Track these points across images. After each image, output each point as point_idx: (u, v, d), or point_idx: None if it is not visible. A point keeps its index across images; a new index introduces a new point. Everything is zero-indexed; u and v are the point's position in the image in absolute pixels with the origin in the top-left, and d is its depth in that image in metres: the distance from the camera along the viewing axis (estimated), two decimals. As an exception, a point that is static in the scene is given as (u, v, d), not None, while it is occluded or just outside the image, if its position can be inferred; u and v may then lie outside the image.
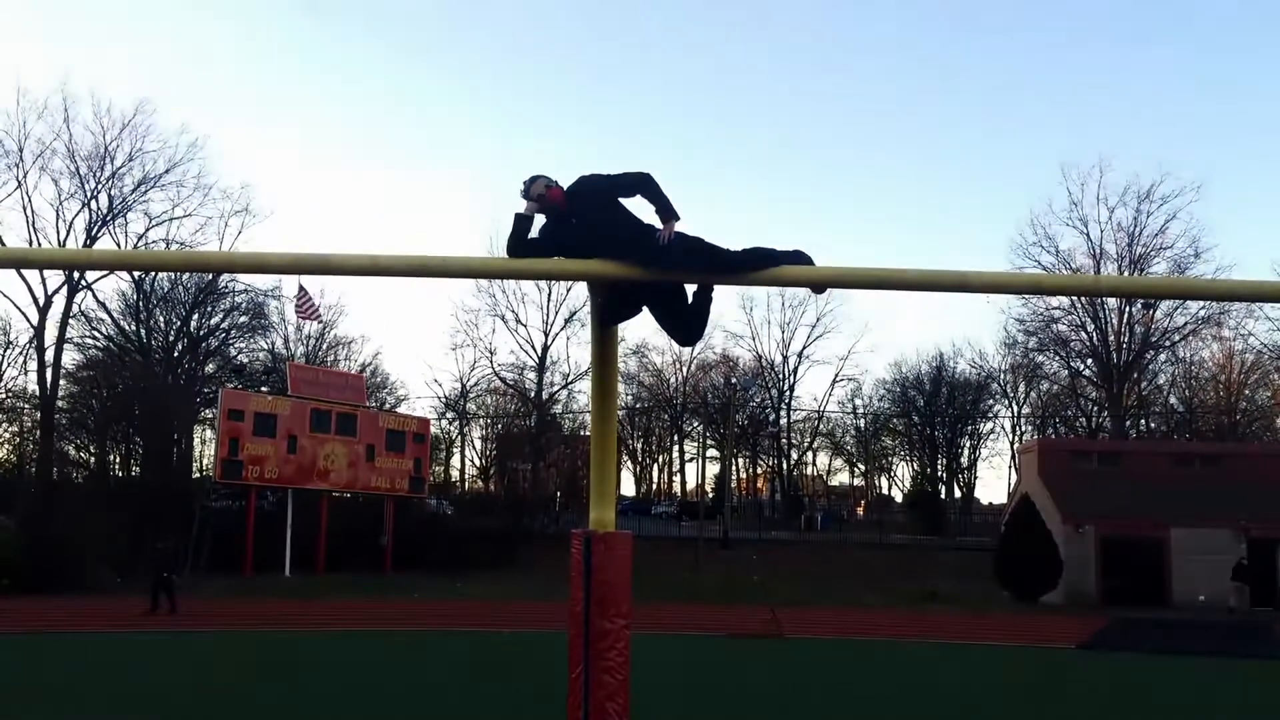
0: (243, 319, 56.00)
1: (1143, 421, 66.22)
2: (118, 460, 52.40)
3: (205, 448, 56.24)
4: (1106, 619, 30.57)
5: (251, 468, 37.53)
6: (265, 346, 59.23)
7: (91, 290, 52.04)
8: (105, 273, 49.93)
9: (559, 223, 6.74)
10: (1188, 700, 15.70)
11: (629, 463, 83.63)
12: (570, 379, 64.64)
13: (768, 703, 13.85)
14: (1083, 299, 59.59)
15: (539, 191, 6.59)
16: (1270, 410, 66.63)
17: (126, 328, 53.93)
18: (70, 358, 52.69)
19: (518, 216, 6.67)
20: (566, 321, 63.19)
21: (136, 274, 51.25)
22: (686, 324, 7.10)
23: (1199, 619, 31.59)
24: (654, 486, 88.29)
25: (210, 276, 51.49)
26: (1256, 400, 66.45)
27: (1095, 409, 65.73)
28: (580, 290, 61.21)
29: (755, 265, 6.39)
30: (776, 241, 9.14)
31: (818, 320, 73.37)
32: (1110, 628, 28.23)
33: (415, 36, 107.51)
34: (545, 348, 63.64)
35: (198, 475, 49.51)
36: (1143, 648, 23.84)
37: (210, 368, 56.92)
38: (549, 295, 63.12)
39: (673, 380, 76.79)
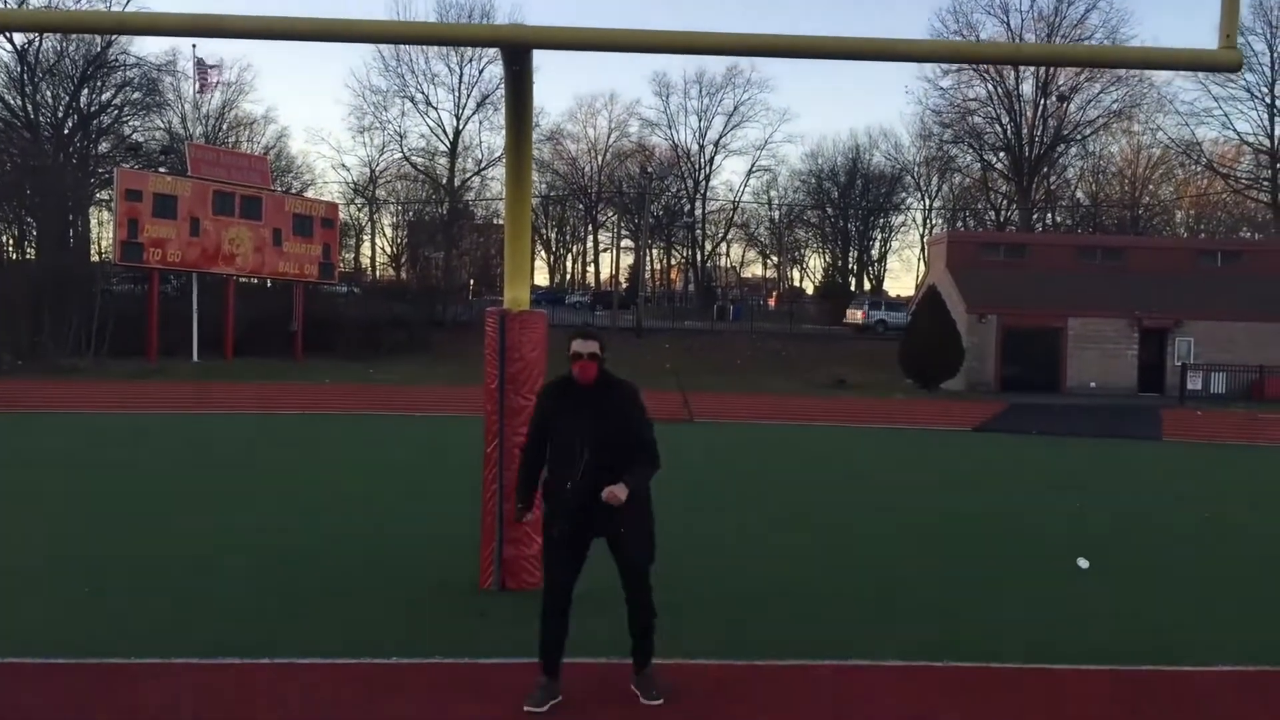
0: (136, 95, 53.53)
1: (1050, 215, 67.55)
2: (11, 242, 50.61)
3: (103, 230, 54.52)
4: (1003, 404, 31.84)
5: (152, 250, 36.48)
6: (162, 125, 56.89)
7: (-30, 61, 49.06)
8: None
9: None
10: (1065, 470, 16.53)
11: (543, 253, 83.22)
12: (483, 165, 63.48)
13: (678, 480, 14.20)
14: (999, 91, 59.76)
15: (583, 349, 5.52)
16: (1172, 205, 68.30)
17: (11, 102, 51.14)
18: (-49, 132, 50.07)
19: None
20: (479, 105, 61.54)
21: (19, 41, 48.46)
22: None
23: (1088, 404, 33.04)
24: (568, 276, 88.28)
25: (99, 47, 48.87)
26: (1160, 195, 67.99)
27: (1005, 202, 66.81)
28: (493, 73, 59.27)
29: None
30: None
31: (735, 109, 72.44)
32: (1005, 412, 29.42)
33: None
34: (457, 132, 62.14)
35: (97, 259, 48.12)
36: (1033, 430, 24.90)
37: (104, 147, 54.64)
38: (460, 77, 61.20)
39: (588, 169, 75.82)
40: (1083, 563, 9.14)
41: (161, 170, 46.04)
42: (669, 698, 5.44)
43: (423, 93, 61.41)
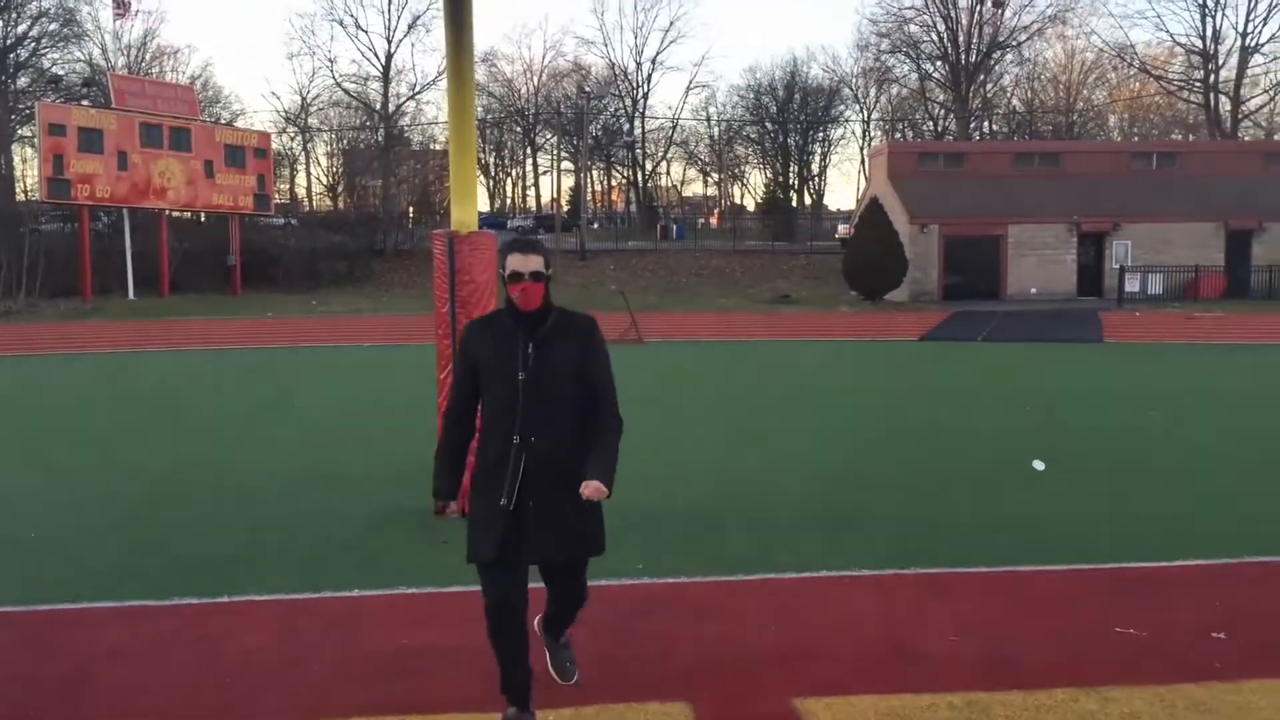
0: (53, 26, 51.86)
1: (987, 124, 67.74)
2: (-69, 184, 49.12)
3: (27, 168, 53.03)
4: (947, 313, 32.11)
5: (80, 186, 35.49)
6: (82, 57, 55.16)
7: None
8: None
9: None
10: (1012, 375, 16.73)
11: (482, 177, 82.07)
12: (417, 89, 62.44)
13: (634, 398, 14.18)
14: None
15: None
16: (1106, 109, 68.76)
17: (-79, 37, 49.31)
18: None
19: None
20: (410, 27, 60.30)
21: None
22: None
23: (1030, 310, 33.42)
24: (508, 201, 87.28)
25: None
26: (1094, 100, 68.40)
27: (942, 112, 66.84)
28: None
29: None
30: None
31: (671, 24, 71.80)
32: (949, 321, 29.67)
33: None
34: (389, 56, 60.82)
35: (22, 198, 46.81)
36: (978, 337, 25.15)
37: (23, 81, 53.01)
38: (390, -2, 59.61)
39: (524, 91, 74.65)
40: (1039, 465, 9.24)
41: (84, 104, 44.63)
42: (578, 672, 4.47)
43: (352, 15, 60.27)
